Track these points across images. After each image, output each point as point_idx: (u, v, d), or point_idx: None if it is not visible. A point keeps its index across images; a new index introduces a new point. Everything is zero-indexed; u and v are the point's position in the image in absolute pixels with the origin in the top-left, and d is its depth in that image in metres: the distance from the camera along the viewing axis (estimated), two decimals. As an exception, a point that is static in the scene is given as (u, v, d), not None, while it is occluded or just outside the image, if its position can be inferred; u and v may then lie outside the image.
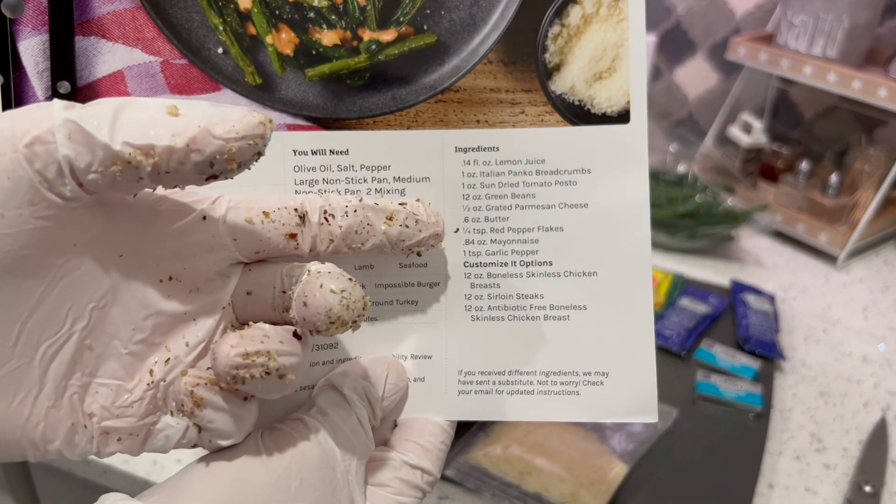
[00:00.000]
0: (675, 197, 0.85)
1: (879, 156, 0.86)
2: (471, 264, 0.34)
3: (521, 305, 0.34)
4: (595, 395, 0.34)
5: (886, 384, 0.65)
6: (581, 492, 0.49)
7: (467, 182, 0.33)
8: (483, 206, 0.34)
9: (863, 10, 0.82)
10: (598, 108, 0.34)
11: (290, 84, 0.33)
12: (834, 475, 0.55)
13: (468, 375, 0.34)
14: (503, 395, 0.34)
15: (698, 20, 1.03)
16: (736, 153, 0.94)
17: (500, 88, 0.34)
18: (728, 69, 1.03)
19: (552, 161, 0.34)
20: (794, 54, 0.86)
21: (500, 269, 0.34)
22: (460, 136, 0.33)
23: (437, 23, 0.33)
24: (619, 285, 0.34)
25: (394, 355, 0.34)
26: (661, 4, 1.04)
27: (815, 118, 1.02)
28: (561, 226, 0.34)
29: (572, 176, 0.34)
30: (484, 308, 0.34)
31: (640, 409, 0.34)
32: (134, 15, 0.31)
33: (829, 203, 0.85)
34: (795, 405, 0.62)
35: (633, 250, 0.34)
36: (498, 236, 0.34)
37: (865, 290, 0.80)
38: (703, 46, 1.04)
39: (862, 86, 0.80)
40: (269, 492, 0.27)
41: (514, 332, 0.34)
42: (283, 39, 0.32)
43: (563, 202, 0.34)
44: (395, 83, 0.33)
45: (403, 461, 0.32)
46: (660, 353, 0.65)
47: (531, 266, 0.34)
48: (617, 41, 0.34)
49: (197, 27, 0.32)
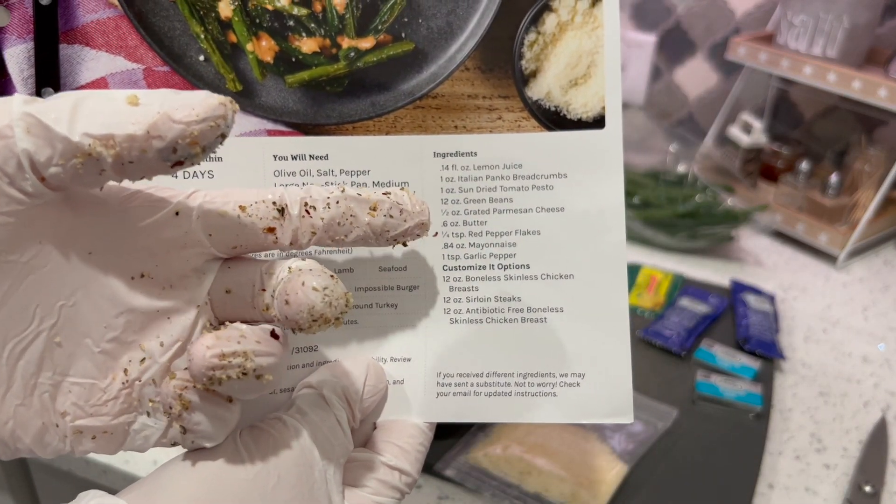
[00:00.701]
0: (675, 197, 0.85)
1: (879, 156, 0.86)
2: (449, 268, 0.34)
3: (499, 308, 0.35)
4: (571, 396, 0.35)
5: (886, 384, 0.65)
6: (581, 492, 0.49)
7: (446, 187, 0.34)
8: (461, 210, 0.34)
9: (863, 10, 0.82)
10: (574, 113, 0.34)
11: (271, 90, 0.33)
12: (834, 475, 0.55)
13: (447, 377, 0.35)
14: (481, 397, 0.35)
15: (698, 20, 1.03)
16: (736, 153, 0.94)
17: (477, 95, 0.35)
18: (728, 69, 1.03)
19: (529, 166, 0.34)
20: (794, 54, 0.86)
21: (479, 272, 0.34)
22: (439, 141, 0.34)
23: (414, 31, 0.34)
24: (595, 288, 0.35)
25: (373, 358, 0.34)
26: (661, 4, 1.04)
27: (815, 118, 1.02)
28: (538, 229, 0.34)
29: (549, 180, 0.34)
30: (462, 311, 0.35)
31: (617, 409, 0.35)
32: (117, 23, 0.32)
33: (829, 203, 0.85)
34: (795, 405, 0.62)
35: (608, 253, 0.34)
36: (476, 240, 0.34)
37: (865, 290, 0.80)
38: (703, 46, 1.04)
39: (862, 86, 0.80)
40: (248, 488, 0.27)
41: (492, 335, 0.35)
42: (263, 47, 0.33)
43: (540, 206, 0.34)
44: (374, 90, 0.34)
45: (382, 462, 0.32)
46: (660, 352, 0.65)
47: (509, 269, 0.34)
48: (592, 48, 0.34)
49: (179, 35, 0.32)
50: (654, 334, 0.66)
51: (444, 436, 0.54)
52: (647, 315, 0.71)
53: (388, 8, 0.33)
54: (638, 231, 0.85)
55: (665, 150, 0.95)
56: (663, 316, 0.69)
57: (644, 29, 1.07)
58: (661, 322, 0.68)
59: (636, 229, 0.85)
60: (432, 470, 0.51)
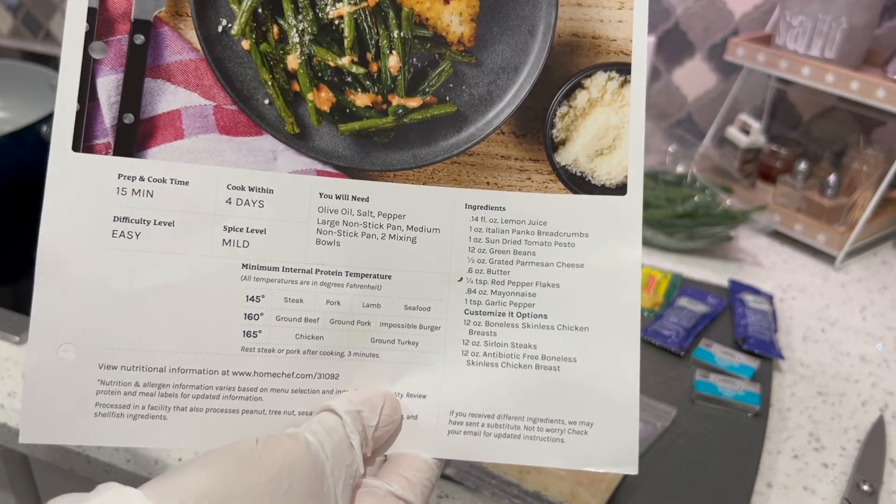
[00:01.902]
0: (674, 197, 0.85)
1: (878, 156, 0.86)
2: (471, 312, 0.36)
3: (515, 354, 0.36)
4: (578, 443, 0.36)
5: (884, 384, 0.65)
6: (580, 490, 0.49)
7: (474, 236, 0.36)
8: (487, 259, 0.36)
9: (861, 11, 0.83)
10: (598, 179, 0.37)
11: (324, 136, 0.37)
12: (832, 474, 0.55)
13: (459, 416, 0.36)
14: (490, 438, 0.36)
15: (697, 21, 1.03)
16: (734, 153, 0.94)
17: (510, 156, 0.38)
18: (727, 70, 1.03)
19: (553, 224, 0.37)
20: (792, 55, 0.87)
21: (498, 318, 0.36)
22: (471, 194, 0.37)
23: (458, 95, 0.38)
24: (608, 341, 0.36)
25: (391, 391, 0.36)
26: (661, 5, 1.04)
27: (813, 119, 1.02)
28: (557, 283, 0.36)
29: (571, 238, 0.37)
30: (480, 354, 0.36)
31: (622, 460, 0.36)
32: (197, 65, 0.37)
33: (827, 203, 0.85)
34: (794, 404, 0.62)
35: (623, 310, 0.36)
36: (498, 288, 0.36)
37: (863, 289, 0.81)
38: (702, 47, 1.04)
39: (860, 86, 0.80)
40: (258, 492, 0.28)
41: (506, 379, 0.36)
42: (322, 97, 0.37)
43: (561, 261, 0.36)
44: (417, 144, 0.38)
45: (389, 491, 0.33)
46: (658, 352, 0.66)
47: (527, 318, 0.36)
48: (618, 123, 0.37)
49: (249, 80, 0.37)
50: (653, 334, 0.67)
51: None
52: (646, 315, 0.71)
53: (435, 74, 0.38)
54: (637, 231, 0.85)
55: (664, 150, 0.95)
56: (662, 315, 0.70)
57: (643, 30, 1.07)
58: (659, 322, 0.68)
59: (635, 229, 0.85)
60: (432, 469, 0.51)
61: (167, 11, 0.37)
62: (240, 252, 0.35)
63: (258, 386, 0.35)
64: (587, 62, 0.38)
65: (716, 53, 1.03)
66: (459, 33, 0.37)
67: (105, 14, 0.36)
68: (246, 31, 0.36)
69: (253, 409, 0.35)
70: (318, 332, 0.35)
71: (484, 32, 0.38)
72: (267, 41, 0.37)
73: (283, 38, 0.37)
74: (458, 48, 0.38)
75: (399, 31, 0.37)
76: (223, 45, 0.37)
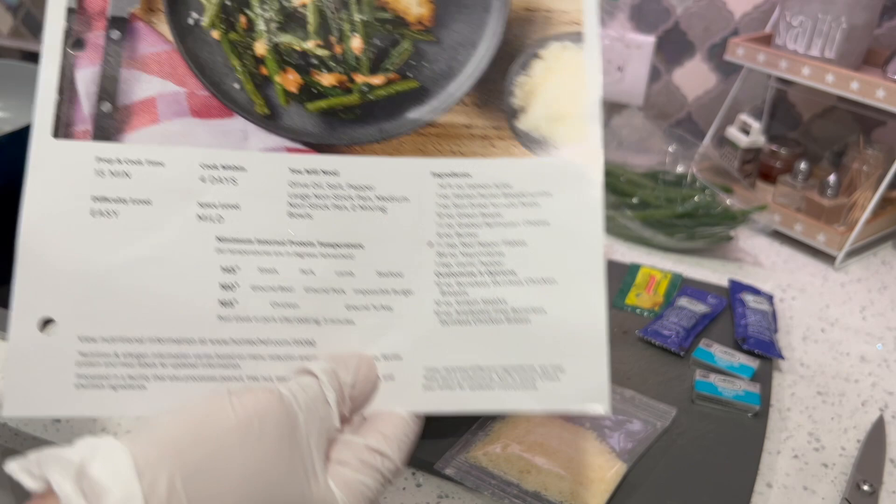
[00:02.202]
0: (674, 197, 0.85)
1: (877, 156, 0.86)
2: (442, 274, 0.38)
3: (486, 310, 0.38)
4: (550, 387, 0.38)
5: (884, 383, 0.65)
6: (580, 490, 0.49)
7: (441, 202, 0.38)
8: (455, 223, 0.38)
9: (861, 11, 0.83)
10: (558, 142, 0.40)
11: (293, 115, 0.39)
12: (832, 474, 0.55)
13: (433, 372, 0.37)
14: (465, 391, 0.37)
15: (697, 21, 1.03)
16: (734, 154, 0.94)
17: (473, 125, 0.40)
18: (727, 70, 1.04)
19: (517, 186, 0.39)
20: (792, 55, 0.87)
21: (469, 278, 0.38)
22: (437, 163, 0.39)
23: (419, 71, 0.40)
24: (574, 290, 0.38)
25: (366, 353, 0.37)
26: (660, 6, 1.04)
27: (813, 119, 1.02)
28: (524, 240, 0.38)
29: (535, 199, 0.38)
30: (452, 313, 0.38)
31: (593, 398, 0.38)
32: (170, 55, 0.39)
33: (827, 203, 0.85)
34: (793, 404, 0.62)
35: (587, 260, 0.38)
36: (467, 249, 0.38)
37: (863, 289, 0.81)
38: (702, 47, 1.05)
39: (860, 86, 0.80)
40: (232, 434, 0.30)
41: (478, 334, 0.38)
42: (289, 79, 0.39)
43: (527, 220, 0.38)
44: (382, 118, 0.39)
45: (365, 444, 0.34)
46: (658, 352, 0.66)
47: (497, 275, 0.38)
48: (575, 89, 0.39)
49: (219, 67, 0.39)
50: (653, 334, 0.67)
51: (443, 435, 0.54)
52: (646, 315, 0.71)
53: (396, 53, 0.40)
54: (637, 231, 0.85)
55: (664, 150, 0.95)
56: (662, 315, 0.70)
57: (643, 30, 1.07)
58: (659, 321, 0.68)
59: (635, 229, 0.85)
60: (432, 469, 0.51)
61: (141, 8, 0.39)
62: (214, 226, 0.36)
63: (235, 353, 0.36)
64: (542, 34, 0.40)
65: (716, 53, 1.04)
66: (418, 14, 0.40)
67: (83, 13, 0.38)
68: (215, 22, 0.39)
69: (231, 377, 0.36)
70: (293, 301, 0.36)
71: (441, 12, 0.40)
72: (235, 30, 0.39)
73: (250, 27, 0.39)
74: (417, 28, 0.40)
75: (360, 14, 0.39)
76: (194, 36, 0.39)
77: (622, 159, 0.94)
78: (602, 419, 0.55)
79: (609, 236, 0.88)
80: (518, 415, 0.40)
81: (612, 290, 0.75)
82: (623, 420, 0.56)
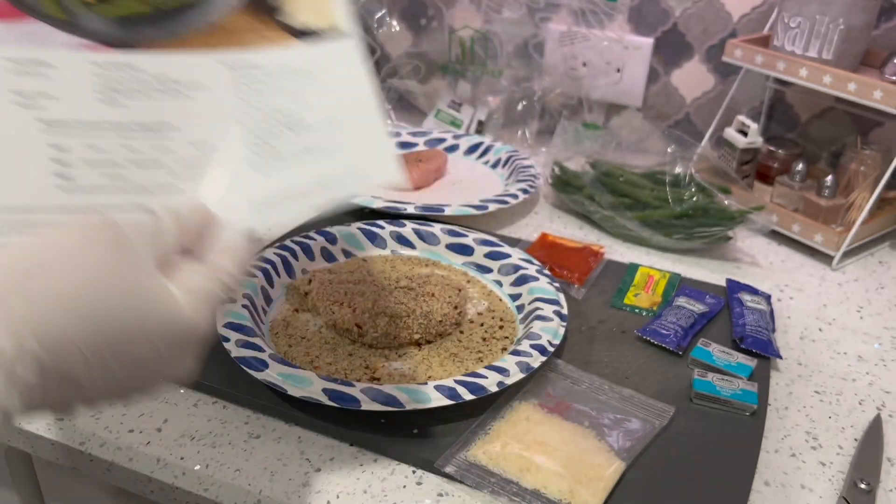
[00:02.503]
0: (673, 197, 0.85)
1: (875, 157, 0.87)
2: (251, 138, 0.44)
3: (293, 152, 0.45)
4: (352, 181, 0.46)
5: (881, 383, 0.66)
6: (579, 488, 0.49)
7: (238, 86, 0.45)
8: (254, 100, 0.45)
9: (858, 12, 0.83)
10: (320, 27, 0.49)
11: (92, 19, 0.43)
12: (829, 472, 0.55)
13: (257, 201, 0.43)
14: (287, 205, 0.43)
15: (695, 23, 1.04)
16: (732, 154, 0.95)
17: (246, 24, 0.47)
18: (725, 71, 1.04)
19: (294, 64, 0.47)
20: (790, 56, 0.87)
21: (273, 137, 0.45)
22: (228, 57, 0.45)
23: None
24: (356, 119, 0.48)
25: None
26: (659, 7, 1.04)
27: (810, 119, 1.03)
28: (311, 100, 0.47)
29: (310, 70, 0.47)
30: (264, 161, 0.44)
31: (386, 172, 0.48)
32: None
33: (824, 204, 0.86)
34: (791, 403, 0.62)
35: (361, 101, 0.48)
36: (267, 117, 0.45)
37: (861, 289, 0.81)
38: (700, 49, 1.05)
39: (857, 87, 0.80)
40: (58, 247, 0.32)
41: (287, 166, 0.44)
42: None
43: (312, 89, 0.47)
44: (170, 21, 0.45)
45: (205, 260, 0.38)
46: (657, 351, 0.66)
47: (295, 128, 0.45)
48: None
49: None
50: (652, 333, 0.67)
51: (443, 434, 0.54)
52: (645, 314, 0.72)
53: None
54: (635, 231, 0.85)
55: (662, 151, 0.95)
56: (660, 315, 0.70)
57: (641, 32, 1.07)
58: (658, 321, 0.69)
59: (633, 229, 0.85)
60: (432, 467, 0.52)
61: None
62: (35, 112, 0.39)
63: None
64: None
65: (714, 55, 1.04)
66: None
67: None
68: None
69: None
70: (125, 174, 0.40)
71: None
72: None
73: None
74: None
75: None
76: None
77: (621, 160, 0.95)
78: (601, 419, 0.56)
79: (608, 236, 0.89)
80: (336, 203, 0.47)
81: (610, 289, 0.75)
82: (622, 419, 0.56)
